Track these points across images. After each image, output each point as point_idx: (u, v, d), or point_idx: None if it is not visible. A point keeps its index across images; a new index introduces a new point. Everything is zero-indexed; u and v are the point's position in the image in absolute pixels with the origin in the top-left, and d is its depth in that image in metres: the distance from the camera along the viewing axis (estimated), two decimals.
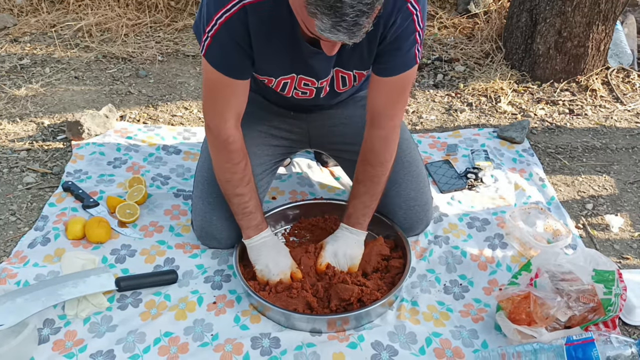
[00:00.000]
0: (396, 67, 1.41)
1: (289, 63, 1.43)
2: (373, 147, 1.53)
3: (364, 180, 1.56)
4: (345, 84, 1.55)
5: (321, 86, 1.52)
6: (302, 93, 1.55)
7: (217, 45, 1.33)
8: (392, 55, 1.39)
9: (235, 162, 1.48)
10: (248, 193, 1.51)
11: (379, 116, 1.50)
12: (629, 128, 2.40)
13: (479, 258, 1.69)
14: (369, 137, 1.53)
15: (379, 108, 1.49)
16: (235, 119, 1.46)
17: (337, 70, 1.48)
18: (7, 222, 1.80)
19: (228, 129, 1.44)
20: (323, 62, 1.43)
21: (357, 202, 1.58)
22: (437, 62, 2.86)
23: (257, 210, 1.54)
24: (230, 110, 1.44)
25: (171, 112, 2.42)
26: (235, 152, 1.47)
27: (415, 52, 1.40)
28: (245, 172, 1.50)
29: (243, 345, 1.40)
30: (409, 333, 1.45)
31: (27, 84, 2.55)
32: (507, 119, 2.44)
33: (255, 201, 1.53)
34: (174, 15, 3.17)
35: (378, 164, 1.54)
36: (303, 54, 1.38)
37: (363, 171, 1.56)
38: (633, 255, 1.76)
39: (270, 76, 1.48)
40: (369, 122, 1.52)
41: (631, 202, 1.98)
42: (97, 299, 1.50)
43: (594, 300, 1.37)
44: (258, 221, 1.54)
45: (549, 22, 2.57)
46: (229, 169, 1.49)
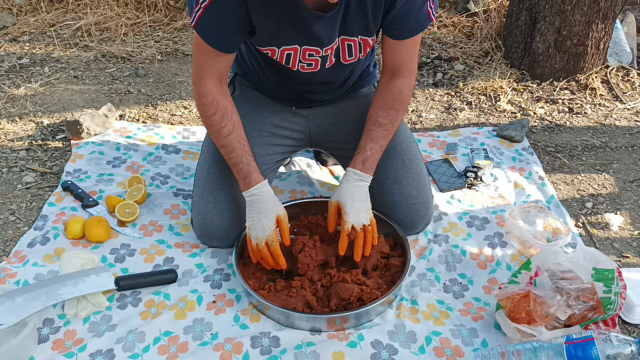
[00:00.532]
0: (412, 29, 1.45)
1: (292, 31, 1.42)
2: (401, 94, 1.56)
3: (386, 124, 1.56)
4: (351, 54, 1.53)
5: (326, 54, 1.50)
6: (307, 65, 1.53)
7: (208, 18, 1.34)
8: (406, 19, 1.42)
9: (208, 114, 1.51)
10: (229, 144, 1.51)
11: (400, 68, 1.55)
12: (628, 126, 2.40)
13: (478, 257, 1.69)
14: (395, 85, 1.56)
15: (400, 63, 1.55)
16: (214, 79, 1.49)
17: (342, 38, 1.48)
18: (6, 221, 1.80)
19: (203, 85, 1.49)
20: (327, 28, 1.41)
21: (375, 145, 1.56)
22: (437, 61, 2.86)
23: (242, 162, 1.51)
24: (208, 72, 1.48)
25: (170, 112, 2.42)
26: (206, 104, 1.50)
27: (429, 10, 1.42)
28: (223, 123, 1.51)
29: (243, 345, 1.40)
30: (408, 332, 1.45)
31: (26, 83, 2.55)
32: (506, 117, 2.44)
33: (239, 152, 1.51)
34: (173, 14, 3.17)
35: (402, 109, 1.58)
36: (305, 20, 1.37)
37: (386, 115, 1.56)
38: (633, 254, 1.76)
39: (272, 46, 1.47)
40: (389, 73, 1.57)
41: (631, 201, 1.98)
42: (96, 299, 1.50)
43: (593, 299, 1.37)
44: (244, 173, 1.51)
45: (549, 21, 2.56)
46: (206, 122, 1.54)
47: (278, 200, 1.53)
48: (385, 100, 1.58)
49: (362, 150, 1.56)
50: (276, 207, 1.51)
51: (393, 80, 1.57)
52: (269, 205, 1.50)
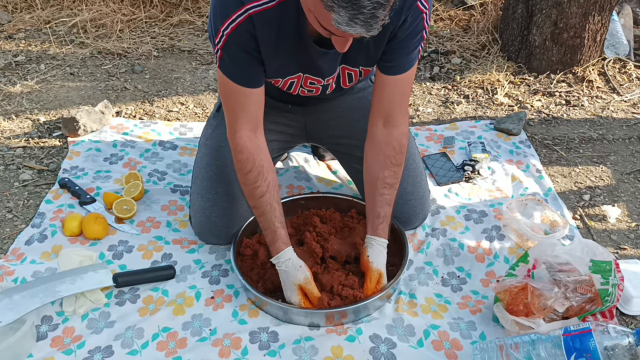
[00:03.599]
0: (403, 66, 1.42)
1: (296, 64, 1.43)
2: (402, 147, 1.50)
3: (394, 183, 1.51)
4: (351, 80, 1.54)
5: (327, 84, 1.52)
6: (308, 91, 1.54)
7: (227, 56, 1.33)
8: (399, 54, 1.40)
9: (244, 172, 1.45)
10: (260, 207, 1.46)
11: (395, 114, 1.48)
12: (625, 119, 2.40)
13: (476, 250, 1.69)
14: (392, 138, 1.49)
15: (393, 106, 1.48)
16: (249, 127, 1.43)
17: (343, 67, 1.48)
18: (3, 219, 1.80)
19: (238, 138, 1.42)
20: (330, 61, 1.43)
21: (389, 209, 1.51)
22: (434, 54, 2.85)
23: (270, 228, 1.46)
24: (242, 119, 1.42)
25: (167, 108, 2.42)
26: (242, 161, 1.44)
27: (419, 49, 1.41)
28: (257, 183, 1.44)
29: (241, 340, 1.41)
30: (407, 326, 1.46)
31: (22, 80, 2.54)
32: (503, 110, 2.44)
33: (269, 216, 1.45)
34: (169, 10, 3.16)
35: (402, 162, 1.53)
36: (311, 54, 1.38)
37: (393, 174, 1.51)
38: (630, 246, 1.76)
39: (277, 77, 1.47)
40: (382, 121, 1.49)
41: (628, 193, 1.98)
42: (94, 295, 1.50)
43: (591, 291, 1.37)
44: (270, 240, 1.47)
45: (545, 13, 2.56)
46: (241, 179, 1.47)
47: (299, 265, 1.46)
48: (387, 157, 1.50)
49: (385, 217, 1.50)
50: (296, 277, 1.45)
51: (389, 132, 1.49)
52: (289, 277, 1.45)
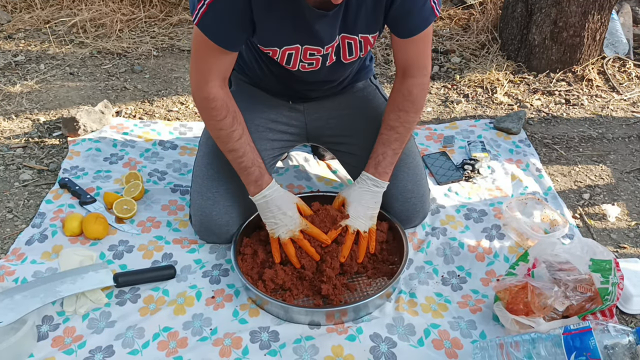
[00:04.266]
0: (416, 27, 1.43)
1: (293, 31, 1.41)
2: (411, 94, 1.53)
3: (397, 127, 1.54)
4: (351, 52, 1.52)
5: (327, 52, 1.49)
6: (308, 64, 1.52)
7: (212, 14, 1.31)
8: (409, 16, 1.40)
9: (218, 118, 1.47)
10: (240, 148, 1.49)
11: (411, 67, 1.52)
12: (625, 117, 2.41)
13: (476, 249, 1.69)
14: (404, 85, 1.53)
15: (409, 62, 1.51)
16: (220, 80, 1.45)
17: (342, 36, 1.47)
18: (4, 219, 1.80)
19: (209, 87, 1.44)
20: (328, 26, 1.41)
21: (387, 149, 1.55)
22: (433, 53, 2.85)
23: (254, 165, 1.50)
24: (214, 73, 1.43)
25: (167, 107, 2.42)
26: (216, 109, 1.46)
27: (432, 5, 1.40)
28: (233, 127, 1.48)
29: (242, 339, 1.41)
30: (407, 325, 1.46)
31: (22, 80, 2.54)
32: (503, 110, 2.44)
33: (250, 155, 1.50)
34: (169, 9, 3.16)
35: (414, 111, 1.55)
36: (307, 19, 1.36)
37: (397, 117, 1.54)
38: (630, 244, 1.76)
39: (274, 47, 1.45)
40: (400, 74, 1.54)
41: (628, 192, 1.99)
42: (95, 295, 1.50)
43: (591, 290, 1.37)
44: (256, 176, 1.51)
45: (545, 12, 2.56)
46: (214, 126, 1.49)
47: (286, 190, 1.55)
48: (395, 103, 1.55)
49: (374, 154, 1.57)
50: (292, 197, 1.54)
51: (404, 82, 1.54)
52: (286, 198, 1.52)
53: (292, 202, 1.53)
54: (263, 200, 1.51)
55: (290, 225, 1.50)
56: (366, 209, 1.55)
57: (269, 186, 1.51)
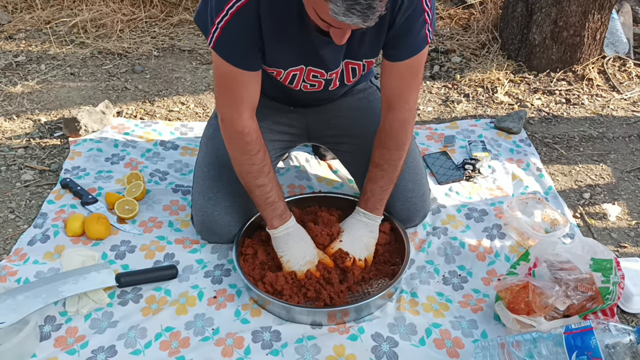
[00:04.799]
0: (407, 51, 1.41)
1: (299, 53, 1.42)
2: (391, 130, 1.52)
3: (381, 164, 1.55)
4: (355, 75, 1.54)
5: (330, 78, 1.51)
6: (310, 85, 1.53)
7: (227, 36, 1.31)
8: (403, 39, 1.39)
9: (252, 153, 1.46)
10: (269, 183, 1.49)
11: (394, 100, 1.50)
12: (625, 117, 2.41)
13: (477, 249, 1.69)
14: (386, 120, 1.52)
15: (394, 92, 1.49)
16: (250, 110, 1.44)
17: (346, 62, 1.48)
18: (6, 219, 1.80)
19: (243, 120, 1.42)
20: (333, 52, 1.42)
21: (375, 186, 1.56)
22: (434, 53, 2.86)
23: (280, 200, 1.52)
24: (244, 102, 1.42)
25: (168, 108, 2.42)
26: (251, 143, 1.45)
27: (426, 33, 1.39)
28: (265, 162, 1.48)
29: (244, 339, 1.41)
30: (408, 324, 1.46)
31: (22, 81, 2.55)
32: (504, 109, 2.45)
33: (276, 190, 1.51)
34: (169, 10, 3.16)
35: (395, 148, 1.54)
36: (314, 44, 1.37)
37: (381, 155, 1.55)
38: (630, 244, 1.76)
39: (279, 68, 1.46)
40: (385, 106, 1.52)
41: (628, 191, 1.99)
42: (97, 295, 1.50)
43: (592, 289, 1.37)
44: (281, 210, 1.51)
45: (545, 12, 2.56)
46: (247, 161, 1.47)
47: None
48: (379, 139, 1.55)
49: (364, 191, 1.60)
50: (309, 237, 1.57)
51: (387, 115, 1.52)
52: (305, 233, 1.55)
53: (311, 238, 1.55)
54: (284, 232, 1.51)
55: (311, 256, 1.52)
56: (361, 237, 1.58)
57: (291, 219, 1.54)
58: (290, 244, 1.52)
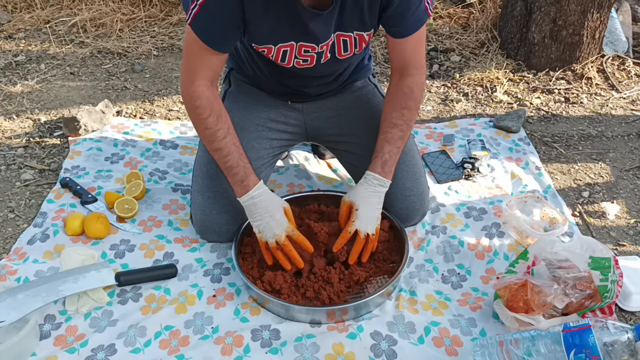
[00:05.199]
0: (411, 26, 1.44)
1: (288, 29, 1.42)
2: (413, 92, 1.54)
3: (400, 124, 1.54)
4: (346, 49, 1.53)
5: (321, 50, 1.50)
6: (302, 61, 1.52)
7: (205, 15, 1.32)
8: (405, 16, 1.41)
9: (203, 117, 1.47)
10: (225, 147, 1.48)
11: (409, 67, 1.53)
12: (624, 115, 2.41)
13: (476, 247, 1.70)
14: (405, 84, 1.54)
15: (407, 61, 1.53)
16: (207, 80, 1.45)
17: (337, 34, 1.47)
18: (5, 219, 1.80)
19: (196, 86, 1.44)
20: (323, 25, 1.41)
21: (392, 147, 1.54)
22: (433, 52, 2.86)
23: (239, 165, 1.48)
24: (201, 72, 1.44)
25: (167, 107, 2.42)
26: (201, 107, 1.46)
27: (426, 5, 1.42)
28: (218, 126, 1.47)
29: (243, 338, 1.41)
30: (407, 323, 1.47)
31: (22, 80, 2.55)
32: (503, 108, 2.45)
33: (235, 155, 1.48)
34: (169, 9, 3.16)
35: (415, 108, 1.56)
36: (302, 17, 1.37)
37: (401, 116, 1.54)
38: (629, 242, 1.77)
39: (268, 44, 1.46)
40: (398, 73, 1.55)
41: (627, 189, 1.99)
42: (97, 294, 1.51)
43: (590, 287, 1.38)
44: (241, 176, 1.48)
45: (544, 11, 2.57)
46: (199, 125, 1.49)
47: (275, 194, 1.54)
48: (397, 101, 1.55)
49: (380, 153, 1.54)
50: (280, 201, 1.51)
51: (403, 80, 1.54)
52: (273, 201, 1.49)
53: (280, 206, 1.50)
54: (250, 202, 1.48)
55: (277, 229, 1.47)
56: (374, 211, 1.54)
57: (256, 187, 1.49)
58: (256, 214, 1.48)
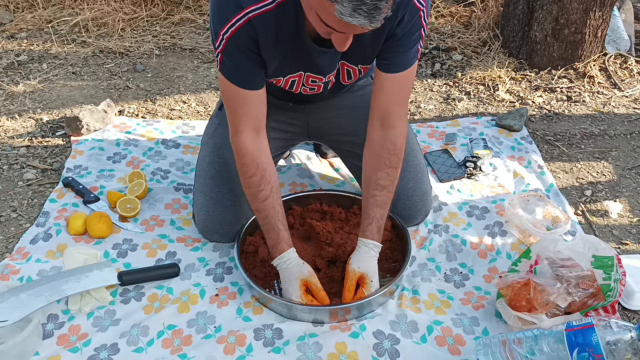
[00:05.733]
0: (401, 64, 1.42)
1: (297, 63, 1.44)
2: (396, 147, 1.48)
3: (388, 185, 1.49)
4: (350, 77, 1.56)
5: (328, 80, 1.53)
6: (310, 89, 1.55)
7: (228, 59, 1.34)
8: (397, 52, 1.40)
9: (247, 175, 1.45)
10: (264, 210, 1.46)
11: (390, 116, 1.47)
12: (627, 114, 2.41)
13: (478, 246, 1.70)
14: (386, 139, 1.48)
15: (390, 107, 1.46)
16: (251, 132, 1.43)
17: (342, 63, 1.48)
18: (8, 218, 1.81)
19: (241, 141, 1.43)
20: (329, 60, 1.44)
21: (384, 211, 1.49)
22: (435, 51, 2.85)
23: (274, 231, 1.46)
24: (245, 122, 1.42)
25: (169, 106, 2.43)
26: (246, 165, 1.44)
27: (418, 48, 1.41)
28: (260, 187, 1.44)
29: (246, 337, 1.41)
30: (410, 322, 1.46)
31: (24, 80, 2.55)
32: (505, 107, 2.44)
33: (272, 220, 1.46)
34: (170, 8, 3.16)
35: (399, 164, 1.50)
36: (310, 53, 1.39)
37: (387, 176, 1.48)
38: (632, 241, 1.76)
39: (278, 77, 1.48)
40: (379, 123, 1.48)
41: (630, 188, 1.99)
42: (100, 294, 1.51)
43: (593, 286, 1.37)
44: (273, 242, 1.46)
45: (546, 9, 2.56)
46: (244, 182, 1.47)
47: (302, 263, 1.47)
48: (381, 159, 1.48)
49: (375, 219, 1.48)
50: (300, 271, 1.45)
51: (384, 133, 1.48)
52: (292, 272, 1.45)
53: (297, 278, 1.44)
54: (283, 266, 1.46)
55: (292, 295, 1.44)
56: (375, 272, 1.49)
57: (280, 256, 1.45)
58: (282, 277, 1.47)
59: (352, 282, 1.46)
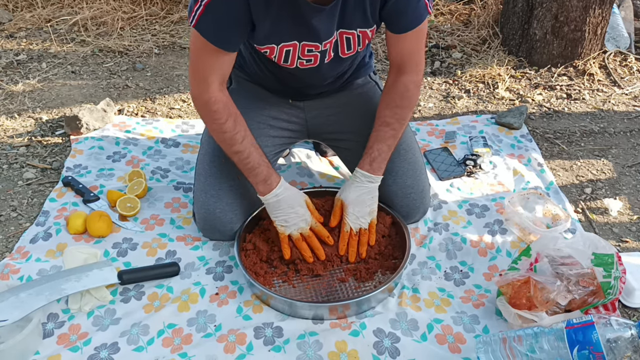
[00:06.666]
0: (411, 23, 1.44)
1: (290, 27, 1.41)
2: (408, 91, 1.55)
3: (392, 123, 1.56)
4: (350, 47, 1.53)
5: (325, 49, 1.49)
6: (306, 62, 1.52)
7: (211, 16, 1.31)
8: (404, 12, 1.41)
9: (220, 121, 1.47)
10: (245, 149, 1.50)
11: (405, 64, 1.54)
12: (626, 112, 2.41)
13: (478, 244, 1.70)
14: (401, 82, 1.54)
15: (404, 58, 1.53)
16: (219, 83, 1.45)
17: (340, 32, 1.47)
18: (8, 218, 1.80)
19: (210, 91, 1.44)
20: (325, 21, 1.41)
21: (383, 145, 1.56)
22: (434, 49, 2.85)
23: (261, 165, 1.51)
24: (213, 75, 1.43)
25: (169, 105, 2.42)
26: (217, 111, 1.46)
27: (426, 2, 1.42)
28: (236, 129, 1.48)
29: (246, 335, 1.41)
30: (410, 320, 1.47)
31: (24, 79, 2.55)
32: (504, 105, 2.44)
33: (255, 155, 1.51)
34: (170, 7, 3.16)
35: (409, 107, 1.57)
36: (304, 14, 1.36)
37: (393, 114, 1.55)
38: (632, 238, 1.77)
39: (271, 43, 1.45)
40: (395, 70, 1.55)
41: (629, 186, 1.99)
42: (100, 293, 1.51)
43: (593, 284, 1.38)
44: (264, 176, 1.51)
45: (546, 7, 2.56)
46: (217, 130, 1.49)
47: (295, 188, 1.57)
48: (392, 99, 1.56)
49: (370, 150, 1.57)
50: (301, 195, 1.56)
51: (399, 78, 1.55)
52: (296, 196, 1.54)
53: (303, 200, 1.56)
54: (275, 199, 1.52)
55: (302, 222, 1.53)
56: (365, 207, 1.57)
57: (279, 185, 1.53)
58: (283, 209, 1.52)
59: (336, 208, 1.59)
